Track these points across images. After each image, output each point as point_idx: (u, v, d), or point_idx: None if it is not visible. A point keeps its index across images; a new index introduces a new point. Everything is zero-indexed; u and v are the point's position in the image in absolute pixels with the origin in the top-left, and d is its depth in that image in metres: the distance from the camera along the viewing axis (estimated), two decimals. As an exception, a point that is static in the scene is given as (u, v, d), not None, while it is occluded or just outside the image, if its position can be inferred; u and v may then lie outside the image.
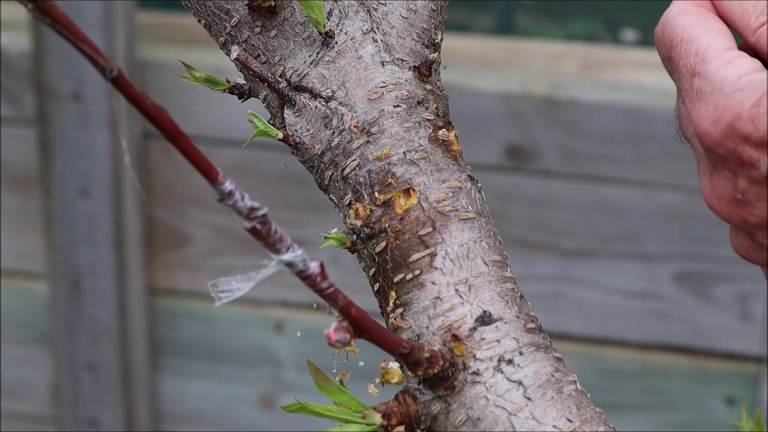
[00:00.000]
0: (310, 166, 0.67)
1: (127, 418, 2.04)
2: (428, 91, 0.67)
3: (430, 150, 0.65)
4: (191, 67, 0.68)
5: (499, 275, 0.62)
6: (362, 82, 0.66)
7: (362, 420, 0.59)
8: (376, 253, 0.63)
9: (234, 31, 0.68)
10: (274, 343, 2.00)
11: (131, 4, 1.89)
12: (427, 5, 0.69)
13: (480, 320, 0.60)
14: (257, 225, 0.49)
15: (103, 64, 0.45)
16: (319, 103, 0.66)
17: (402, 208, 0.63)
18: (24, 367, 2.09)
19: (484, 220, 0.64)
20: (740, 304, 1.84)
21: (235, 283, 0.51)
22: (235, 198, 0.48)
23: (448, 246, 0.62)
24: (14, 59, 1.94)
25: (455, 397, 0.59)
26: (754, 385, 1.85)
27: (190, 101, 1.90)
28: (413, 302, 0.62)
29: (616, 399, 1.90)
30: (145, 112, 0.46)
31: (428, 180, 0.64)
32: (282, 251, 0.50)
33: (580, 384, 0.61)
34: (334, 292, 0.52)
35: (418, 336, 0.61)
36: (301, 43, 0.67)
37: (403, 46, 0.68)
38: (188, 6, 0.69)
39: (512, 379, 0.59)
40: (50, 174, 1.94)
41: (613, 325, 1.89)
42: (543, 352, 0.61)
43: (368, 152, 0.65)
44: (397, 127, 0.65)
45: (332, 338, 0.54)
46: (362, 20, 0.67)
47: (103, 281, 1.98)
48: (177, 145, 0.47)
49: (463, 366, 0.59)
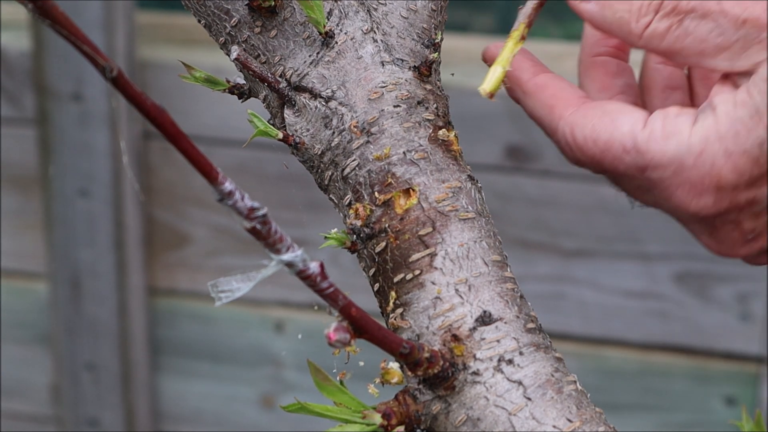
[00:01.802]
0: (310, 166, 0.67)
1: (127, 418, 2.04)
2: (428, 91, 0.67)
3: (430, 150, 0.65)
4: (191, 67, 0.68)
5: (499, 275, 0.62)
6: (362, 82, 0.66)
7: (362, 420, 0.59)
8: (376, 253, 0.63)
9: (234, 31, 0.68)
10: (274, 343, 2.00)
11: (131, 4, 1.89)
12: (427, 5, 0.69)
13: (480, 320, 0.60)
14: (257, 225, 0.49)
15: (103, 64, 0.45)
16: (319, 103, 0.66)
17: (402, 208, 0.63)
18: (24, 367, 2.09)
19: (484, 220, 0.64)
20: (740, 304, 1.84)
21: (234, 283, 0.51)
22: (235, 198, 0.48)
23: (448, 246, 0.62)
24: (14, 59, 1.94)
25: (455, 397, 0.59)
26: (754, 385, 1.85)
27: (190, 101, 1.90)
28: (413, 302, 0.62)
29: (616, 399, 1.90)
30: (145, 112, 0.46)
31: (428, 180, 0.64)
32: (282, 251, 0.50)
33: (580, 384, 0.61)
34: (334, 292, 0.52)
35: (418, 336, 0.61)
36: (301, 43, 0.67)
37: (403, 46, 0.68)
38: (188, 6, 0.69)
39: (512, 379, 0.59)
40: (50, 174, 1.94)
41: (613, 325, 1.88)
42: (543, 352, 0.61)
43: (368, 152, 0.65)
44: (397, 127, 0.65)
45: (332, 338, 0.54)
46: (362, 20, 0.67)
47: (103, 281, 1.98)
48: (177, 146, 0.47)
49: (463, 366, 0.59)
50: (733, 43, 0.63)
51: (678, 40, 0.64)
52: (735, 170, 0.61)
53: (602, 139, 0.64)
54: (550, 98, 0.68)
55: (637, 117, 0.64)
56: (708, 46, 0.63)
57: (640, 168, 0.64)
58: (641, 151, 0.63)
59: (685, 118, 0.63)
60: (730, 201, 0.63)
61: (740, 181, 0.62)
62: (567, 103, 0.67)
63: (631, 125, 0.64)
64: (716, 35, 0.63)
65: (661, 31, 0.64)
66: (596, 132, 0.65)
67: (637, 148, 0.63)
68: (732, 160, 0.61)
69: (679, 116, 0.63)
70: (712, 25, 0.63)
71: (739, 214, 0.64)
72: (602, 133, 0.64)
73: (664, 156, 0.62)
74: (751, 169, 0.61)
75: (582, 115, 0.66)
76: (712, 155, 0.61)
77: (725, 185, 0.62)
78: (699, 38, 0.63)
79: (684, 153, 0.62)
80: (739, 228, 0.65)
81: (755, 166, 0.61)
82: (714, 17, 0.63)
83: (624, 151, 0.63)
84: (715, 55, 0.63)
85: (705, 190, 0.62)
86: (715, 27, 0.63)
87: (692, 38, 0.63)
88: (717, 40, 0.63)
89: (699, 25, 0.63)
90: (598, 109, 0.66)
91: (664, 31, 0.64)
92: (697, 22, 0.63)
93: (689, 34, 0.63)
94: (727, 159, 0.61)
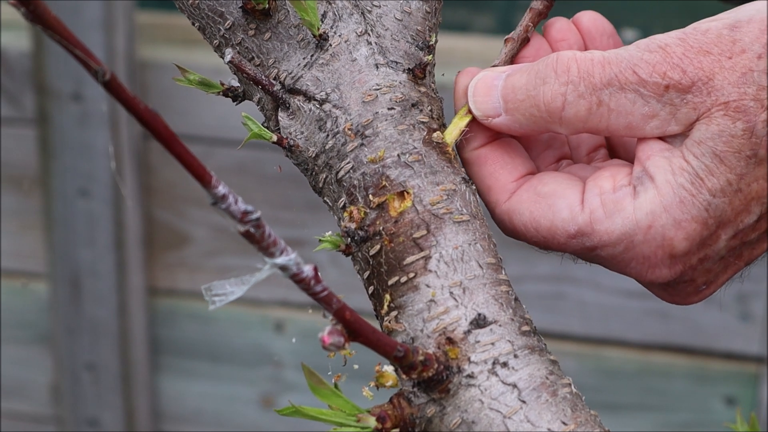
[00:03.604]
0: (305, 168, 0.67)
1: (127, 418, 2.04)
2: (422, 93, 0.67)
3: (424, 152, 0.65)
4: (185, 70, 0.68)
5: (493, 278, 0.62)
6: (356, 84, 0.66)
7: (357, 423, 0.59)
8: (370, 256, 0.63)
9: (228, 34, 0.68)
10: (274, 343, 2.00)
11: (131, 4, 1.89)
12: (421, 7, 0.69)
13: (474, 323, 0.60)
14: (251, 228, 0.48)
15: (96, 67, 0.44)
16: (314, 105, 0.66)
17: (396, 211, 0.63)
18: (24, 367, 2.09)
19: (479, 223, 0.64)
20: (740, 304, 1.83)
21: (228, 287, 0.51)
22: (228, 201, 0.48)
23: (443, 249, 0.62)
24: (14, 59, 1.94)
25: (450, 400, 0.59)
26: (754, 385, 1.85)
27: (190, 101, 1.90)
28: (408, 305, 0.62)
29: (616, 399, 1.90)
30: (138, 116, 0.46)
31: (422, 183, 0.64)
32: (275, 254, 0.50)
33: (579, 384, 0.61)
34: (328, 296, 0.52)
35: (412, 339, 0.61)
36: (296, 45, 0.67)
37: (398, 48, 0.67)
38: (182, 9, 0.69)
39: (507, 382, 0.59)
40: (50, 174, 1.94)
41: (613, 325, 1.88)
42: (538, 354, 0.61)
43: (362, 155, 0.64)
44: (391, 130, 0.65)
45: (326, 342, 0.53)
46: (356, 23, 0.67)
47: (103, 281, 1.98)
48: (170, 149, 0.47)
49: (458, 369, 0.59)
50: (659, 111, 0.61)
51: (602, 118, 0.62)
52: (687, 238, 0.61)
53: (543, 226, 0.64)
54: (488, 178, 0.67)
55: (573, 199, 0.63)
56: (634, 118, 0.62)
57: (589, 248, 0.63)
58: (586, 234, 0.62)
59: (624, 193, 0.62)
60: (683, 265, 0.62)
61: (692, 246, 0.61)
62: (502, 188, 0.66)
63: (570, 209, 0.63)
64: (641, 106, 0.61)
65: (582, 114, 0.62)
66: (536, 220, 0.64)
67: (581, 231, 0.63)
68: (682, 228, 0.61)
69: (617, 192, 0.62)
70: (633, 96, 0.61)
71: (693, 273, 0.64)
72: (542, 221, 0.64)
73: (611, 235, 0.62)
74: (701, 232, 0.61)
75: (517, 202, 0.65)
76: (662, 227, 0.61)
77: (678, 253, 0.62)
78: (624, 112, 0.62)
79: (632, 229, 0.61)
80: (693, 284, 0.65)
81: (704, 228, 0.61)
82: (633, 88, 0.61)
83: (569, 237, 0.63)
84: (644, 125, 0.62)
85: (659, 262, 0.62)
86: (636, 98, 0.61)
87: (616, 114, 0.62)
88: (642, 110, 0.61)
89: (620, 99, 0.61)
90: (531, 192, 0.65)
91: (586, 113, 0.62)
92: (618, 96, 0.61)
93: (612, 110, 0.62)
94: (678, 229, 0.61)
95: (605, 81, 0.61)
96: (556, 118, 0.63)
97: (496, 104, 0.65)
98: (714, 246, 0.62)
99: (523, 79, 0.64)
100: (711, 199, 0.60)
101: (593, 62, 0.62)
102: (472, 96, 0.66)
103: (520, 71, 0.65)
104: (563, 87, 0.62)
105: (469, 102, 0.66)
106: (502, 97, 0.65)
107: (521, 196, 0.65)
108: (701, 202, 0.60)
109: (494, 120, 0.65)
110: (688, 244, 0.61)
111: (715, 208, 0.60)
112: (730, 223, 0.61)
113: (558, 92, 0.62)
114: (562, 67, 0.62)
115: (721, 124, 0.60)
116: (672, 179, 0.61)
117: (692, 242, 0.61)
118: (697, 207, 0.60)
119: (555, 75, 0.62)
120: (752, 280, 1.82)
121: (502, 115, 0.65)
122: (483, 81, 0.66)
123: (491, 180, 0.67)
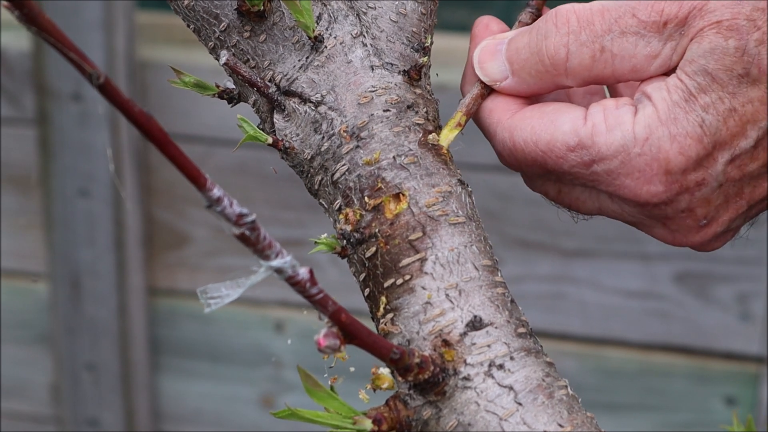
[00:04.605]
0: (300, 170, 0.67)
1: (127, 418, 2.04)
2: (418, 95, 0.67)
3: (420, 154, 0.65)
4: (180, 72, 0.68)
5: (489, 280, 0.62)
6: (352, 86, 0.66)
7: (353, 426, 0.59)
8: (366, 258, 0.63)
9: (223, 36, 0.68)
10: (274, 343, 2.00)
11: (131, 4, 1.89)
12: (416, 9, 0.69)
13: (470, 325, 0.60)
14: (246, 231, 0.48)
15: (90, 71, 0.44)
16: (309, 107, 0.66)
17: (392, 213, 0.63)
18: (24, 367, 2.09)
19: (475, 225, 0.64)
20: (740, 304, 1.83)
21: (224, 290, 0.51)
22: (223, 204, 0.48)
23: (439, 251, 0.62)
24: (14, 59, 1.94)
25: (446, 403, 0.59)
26: (754, 385, 1.85)
27: (190, 101, 1.90)
28: (403, 307, 0.61)
29: (616, 399, 1.90)
30: (132, 119, 0.46)
31: (418, 184, 0.63)
32: (271, 257, 0.50)
33: (579, 384, 0.61)
34: (324, 298, 0.52)
35: (408, 341, 0.61)
36: (291, 47, 0.67)
37: (393, 50, 0.67)
38: (177, 10, 0.69)
39: (503, 384, 0.59)
40: (50, 174, 1.94)
41: (613, 325, 1.88)
42: (534, 356, 0.61)
43: (358, 157, 0.64)
44: (386, 132, 0.65)
45: (322, 344, 0.53)
46: (351, 24, 0.67)
47: (103, 281, 1.98)
48: (165, 152, 0.47)
49: (454, 371, 0.59)
50: (661, 49, 0.62)
51: (607, 64, 0.63)
52: (682, 152, 0.62)
53: (543, 140, 0.65)
54: (489, 101, 0.68)
55: (576, 114, 0.64)
56: (638, 60, 0.63)
57: (587, 163, 0.64)
58: (586, 146, 0.63)
59: (625, 110, 0.63)
60: (680, 184, 0.63)
61: (688, 163, 0.62)
62: (505, 107, 0.67)
63: (572, 123, 0.64)
64: (643, 47, 0.63)
65: (586, 62, 0.64)
66: (536, 134, 0.65)
67: (581, 143, 0.63)
68: (677, 142, 0.62)
69: (619, 108, 0.63)
70: (634, 39, 0.63)
71: (690, 200, 0.64)
72: (543, 134, 0.65)
73: (610, 147, 0.63)
74: (697, 150, 0.62)
75: (520, 119, 0.66)
76: (658, 140, 0.62)
77: (674, 168, 0.62)
78: (627, 56, 0.63)
79: (630, 142, 0.62)
80: (692, 215, 0.65)
81: (700, 145, 0.62)
82: (634, 31, 0.62)
83: (568, 150, 0.64)
84: (648, 66, 0.63)
85: (654, 176, 0.63)
86: (638, 40, 0.62)
87: (620, 58, 0.63)
88: (645, 51, 0.63)
89: (622, 43, 0.63)
90: (535, 111, 0.66)
91: (590, 61, 0.64)
92: (620, 41, 0.63)
93: (615, 55, 0.63)
94: (672, 142, 0.62)
95: (605, 27, 0.63)
96: (562, 69, 0.64)
97: (503, 67, 0.67)
98: (711, 169, 0.63)
99: (525, 39, 0.66)
100: (704, 116, 0.61)
101: (592, 11, 0.64)
102: (478, 63, 0.68)
103: (521, 33, 0.67)
104: (565, 38, 0.64)
105: (476, 70, 0.68)
106: (507, 60, 0.67)
107: (525, 113, 0.67)
108: (695, 118, 0.61)
109: (502, 84, 0.67)
110: (684, 159, 0.62)
111: (710, 125, 0.61)
112: (726, 144, 0.62)
113: (560, 43, 0.64)
114: (562, 20, 0.64)
115: (712, 42, 0.61)
116: (667, 96, 0.62)
117: (688, 158, 0.62)
118: (692, 123, 0.61)
119: (555, 28, 0.64)
120: (752, 280, 1.82)
121: (509, 78, 0.67)
122: (487, 48, 0.68)
123: (493, 103, 0.68)
